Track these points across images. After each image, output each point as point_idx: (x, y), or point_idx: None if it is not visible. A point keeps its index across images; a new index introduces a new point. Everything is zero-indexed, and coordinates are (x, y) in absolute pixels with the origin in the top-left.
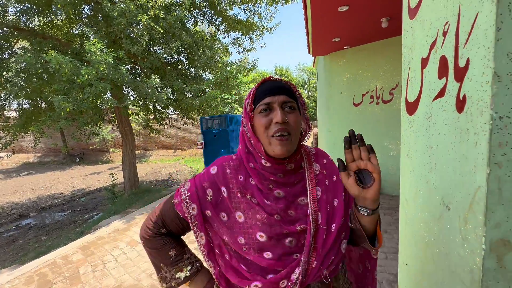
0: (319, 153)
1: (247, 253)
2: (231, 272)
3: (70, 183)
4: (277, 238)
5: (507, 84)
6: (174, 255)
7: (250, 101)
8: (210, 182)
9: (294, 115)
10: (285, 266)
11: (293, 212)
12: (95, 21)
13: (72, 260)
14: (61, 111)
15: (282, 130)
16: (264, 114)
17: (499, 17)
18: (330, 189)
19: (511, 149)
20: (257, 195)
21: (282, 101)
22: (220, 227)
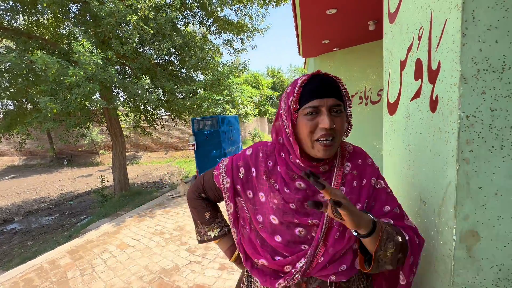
0: (356, 152)
1: (262, 230)
2: (248, 244)
3: (57, 186)
4: (287, 225)
5: (472, 86)
6: (208, 217)
7: (294, 100)
8: (244, 162)
9: (340, 119)
10: (292, 253)
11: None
12: (83, 20)
13: (60, 264)
14: (48, 112)
15: (327, 136)
16: (310, 118)
17: (464, 23)
18: (355, 192)
19: (477, 146)
20: (280, 182)
21: (331, 105)
22: (246, 202)
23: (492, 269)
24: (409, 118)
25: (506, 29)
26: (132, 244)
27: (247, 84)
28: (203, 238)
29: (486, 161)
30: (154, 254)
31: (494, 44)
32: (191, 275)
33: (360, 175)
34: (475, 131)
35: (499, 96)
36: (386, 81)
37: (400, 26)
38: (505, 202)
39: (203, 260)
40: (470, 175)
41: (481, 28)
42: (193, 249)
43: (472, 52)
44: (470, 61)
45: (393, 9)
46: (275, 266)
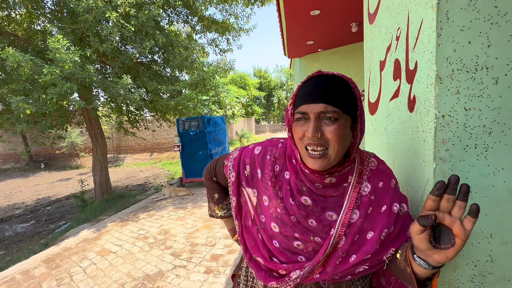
0: (379, 171)
1: (262, 231)
2: (249, 237)
3: (34, 191)
4: (287, 237)
5: (448, 86)
6: (217, 198)
7: (291, 102)
8: (251, 160)
9: (335, 127)
10: (288, 260)
11: (314, 223)
12: (59, 17)
13: (34, 275)
14: (20, 113)
15: (313, 145)
16: (300, 124)
17: (439, 23)
18: (371, 219)
19: (453, 145)
20: (285, 191)
21: (319, 112)
22: (250, 199)
23: (468, 265)
24: (389, 118)
25: (478, 30)
26: (114, 250)
27: (234, 84)
28: (211, 213)
29: (461, 160)
30: (137, 260)
31: (467, 44)
32: (176, 280)
33: (379, 202)
34: (451, 130)
35: (472, 95)
36: (367, 82)
37: (379, 26)
38: (479, 200)
39: (188, 264)
40: (447, 174)
41: (455, 29)
42: (178, 253)
43: (447, 52)
44: (445, 61)
45: (372, 10)
46: (271, 266)
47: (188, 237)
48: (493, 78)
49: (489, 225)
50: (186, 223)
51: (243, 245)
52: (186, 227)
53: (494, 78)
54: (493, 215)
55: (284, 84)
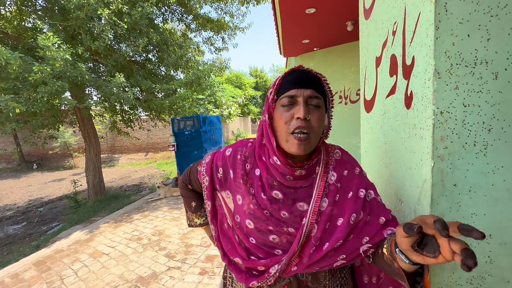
0: (343, 161)
1: (238, 231)
2: (225, 240)
3: (25, 192)
4: (262, 231)
5: (446, 81)
6: (194, 206)
7: (273, 91)
8: (223, 162)
9: (318, 114)
10: (265, 255)
11: (286, 214)
12: (50, 14)
13: (24, 278)
14: (10, 112)
15: (302, 128)
16: (286, 109)
17: (437, 16)
18: (339, 206)
19: (451, 143)
20: (256, 187)
21: (308, 95)
22: (224, 201)
23: None
24: (385, 115)
25: (477, 23)
26: (107, 251)
27: (230, 83)
28: (190, 223)
29: (460, 158)
30: (131, 262)
31: (466, 38)
32: (170, 281)
33: (345, 189)
34: (449, 127)
35: (471, 91)
36: (363, 79)
37: (375, 22)
38: (478, 199)
39: (183, 265)
40: (445, 173)
41: (454, 21)
42: (172, 254)
43: (445, 46)
44: (444, 55)
45: (368, 5)
46: (250, 265)
47: (182, 238)
48: (493, 73)
49: (488, 225)
50: (181, 223)
51: (221, 249)
52: (181, 227)
53: (493, 73)
54: (492, 215)
55: None
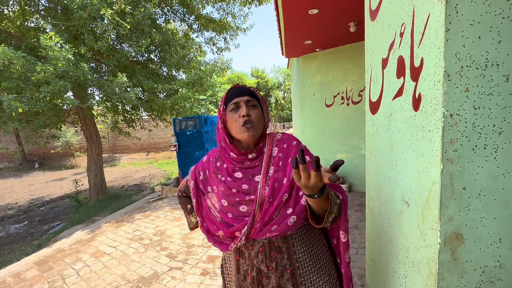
0: (283, 139)
1: (219, 212)
2: (210, 223)
3: (27, 192)
4: (233, 204)
5: (456, 83)
6: (189, 208)
7: (222, 103)
8: (202, 167)
9: (256, 111)
10: (239, 223)
11: (246, 186)
12: (53, 14)
13: (26, 277)
14: (12, 111)
15: (247, 122)
16: (234, 112)
17: (447, 17)
18: (282, 169)
19: (461, 146)
20: (224, 175)
21: (246, 100)
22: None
23: (475, 271)
24: (392, 117)
25: (489, 25)
26: (108, 251)
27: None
28: (190, 225)
29: (470, 161)
30: (132, 262)
31: (477, 39)
32: (172, 282)
33: (286, 156)
34: (459, 130)
35: (482, 93)
36: (368, 80)
37: (381, 23)
38: (488, 203)
39: (184, 266)
40: (454, 176)
41: (465, 23)
42: (174, 254)
43: (456, 48)
44: (454, 57)
45: (374, 6)
46: (229, 233)
47: (184, 238)
48: (504, 75)
49: (498, 229)
50: (183, 223)
51: (206, 232)
52: (182, 228)
53: (505, 75)
54: (503, 218)
55: (282, 84)
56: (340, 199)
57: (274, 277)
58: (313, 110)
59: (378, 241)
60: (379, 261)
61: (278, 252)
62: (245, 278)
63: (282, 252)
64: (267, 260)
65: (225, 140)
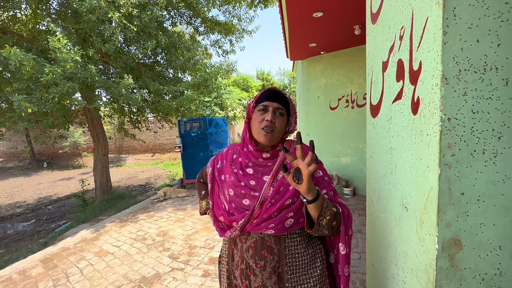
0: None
1: (226, 200)
2: (217, 208)
3: (35, 190)
4: (238, 195)
5: (454, 87)
6: (203, 194)
7: (254, 100)
8: (221, 157)
9: (281, 120)
10: (239, 214)
11: (253, 182)
12: (63, 17)
13: (31, 275)
14: (22, 112)
15: (268, 127)
16: (261, 113)
17: (445, 21)
18: None
19: (459, 150)
20: (237, 167)
21: (275, 107)
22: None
23: (475, 279)
24: (391, 120)
25: (487, 28)
26: (112, 251)
27: (237, 86)
28: (200, 211)
29: (468, 166)
30: (135, 262)
31: (475, 43)
32: (173, 283)
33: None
34: (457, 134)
35: (480, 97)
36: (369, 83)
37: (382, 26)
38: (487, 209)
39: (186, 267)
40: (452, 181)
41: (462, 27)
42: (176, 255)
43: (453, 51)
44: (452, 61)
45: (375, 9)
46: (227, 221)
47: (186, 239)
48: (503, 79)
49: (498, 236)
50: (185, 224)
51: (213, 216)
52: (185, 228)
53: (504, 79)
54: (502, 225)
55: (287, 87)
56: (338, 209)
57: (261, 276)
58: (318, 113)
59: (378, 246)
60: (378, 267)
61: (269, 252)
62: (236, 268)
63: (273, 253)
64: (257, 257)
65: (246, 134)
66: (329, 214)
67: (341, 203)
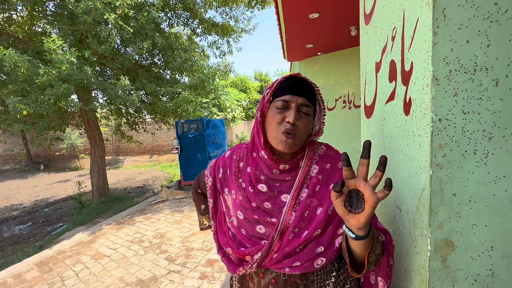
0: (327, 155)
1: (232, 224)
2: (221, 234)
3: (32, 193)
4: (249, 221)
5: (445, 87)
6: (204, 208)
7: (270, 92)
8: (223, 163)
9: (306, 121)
10: (253, 245)
11: (269, 205)
12: (59, 19)
13: (26, 278)
14: (17, 114)
15: (290, 131)
16: (279, 111)
17: (435, 21)
18: (318, 196)
19: (451, 151)
20: (246, 182)
21: (300, 103)
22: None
23: (467, 280)
24: (384, 121)
25: (477, 29)
26: (108, 254)
27: (235, 87)
28: (201, 226)
29: (459, 167)
30: (131, 264)
31: (465, 44)
32: (170, 285)
33: (326, 180)
34: (448, 135)
35: (471, 98)
36: (363, 84)
37: (375, 27)
38: (478, 209)
39: (183, 269)
40: (444, 181)
41: (452, 27)
42: (173, 257)
43: (443, 52)
44: (442, 61)
45: (368, 10)
46: (238, 254)
47: (184, 241)
48: (493, 80)
49: (490, 237)
50: (183, 226)
51: (217, 242)
52: (183, 230)
53: (494, 80)
54: (494, 226)
55: None
56: (383, 238)
57: None
58: None
59: None
60: None
61: None
62: None
63: None
64: None
65: (258, 135)
66: (379, 247)
67: (383, 229)
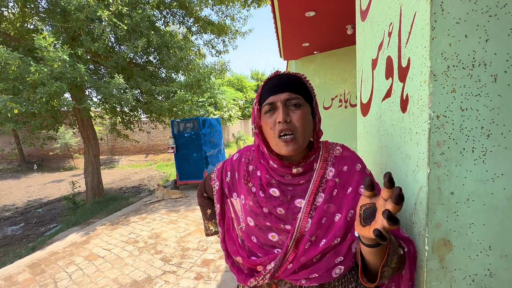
0: (344, 157)
1: (241, 231)
2: (229, 241)
3: (25, 193)
4: (261, 228)
5: (442, 83)
6: (209, 214)
7: (256, 101)
8: (231, 167)
9: (299, 113)
10: (265, 254)
11: (282, 211)
12: (52, 16)
13: (17, 280)
14: (8, 112)
15: (285, 130)
16: (269, 115)
17: (433, 16)
18: (336, 201)
19: (449, 148)
20: (257, 186)
21: (285, 99)
22: (232, 204)
23: (465, 280)
24: (381, 119)
25: (475, 23)
26: (102, 254)
27: (231, 86)
28: (207, 232)
29: (457, 165)
30: (126, 265)
31: (464, 38)
32: (165, 286)
33: (344, 184)
34: (446, 132)
35: (469, 94)
36: (359, 82)
37: (371, 23)
38: (477, 208)
39: (178, 270)
40: (442, 180)
41: (450, 22)
42: (168, 258)
43: (441, 47)
44: (440, 57)
45: (364, 6)
46: (249, 264)
47: (179, 241)
48: (492, 76)
49: (488, 236)
50: (178, 226)
51: (225, 251)
52: (178, 230)
53: (492, 76)
54: (492, 225)
55: None
56: (404, 250)
57: None
58: None
59: None
60: None
61: None
62: None
63: None
64: None
65: (262, 147)
66: (395, 260)
67: (405, 239)
